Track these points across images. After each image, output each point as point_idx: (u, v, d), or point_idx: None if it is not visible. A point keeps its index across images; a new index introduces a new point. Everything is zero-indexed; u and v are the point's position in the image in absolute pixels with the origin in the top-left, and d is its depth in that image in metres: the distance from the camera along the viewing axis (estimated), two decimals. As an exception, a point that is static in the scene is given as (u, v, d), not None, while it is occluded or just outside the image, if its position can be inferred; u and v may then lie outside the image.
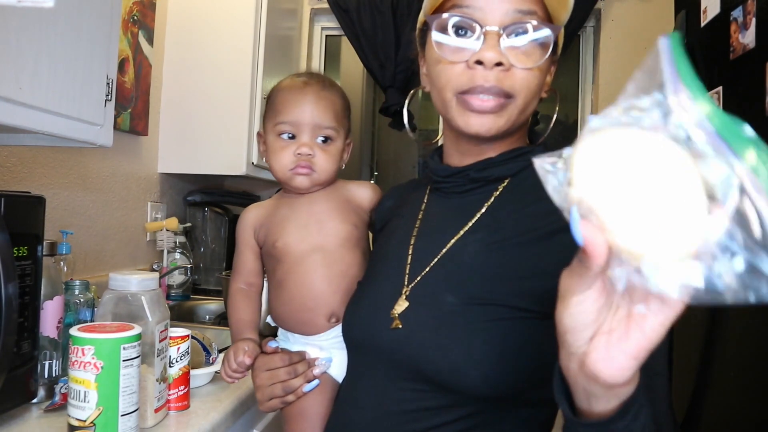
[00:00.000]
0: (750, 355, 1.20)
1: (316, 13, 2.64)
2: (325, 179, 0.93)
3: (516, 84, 0.68)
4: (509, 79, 0.68)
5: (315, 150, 0.90)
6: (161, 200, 2.02)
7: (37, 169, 1.40)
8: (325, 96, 0.91)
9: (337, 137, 0.92)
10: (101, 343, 0.73)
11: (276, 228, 0.94)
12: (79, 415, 0.73)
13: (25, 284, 0.83)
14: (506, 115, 0.70)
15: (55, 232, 1.28)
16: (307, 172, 0.90)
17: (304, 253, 0.91)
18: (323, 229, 0.91)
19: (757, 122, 1.14)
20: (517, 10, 0.68)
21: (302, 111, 0.89)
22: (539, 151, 0.71)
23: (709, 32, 1.36)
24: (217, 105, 1.95)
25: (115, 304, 0.83)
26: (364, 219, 0.96)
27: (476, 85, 0.68)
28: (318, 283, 0.89)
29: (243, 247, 0.98)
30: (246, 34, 1.95)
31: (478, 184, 0.75)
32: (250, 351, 0.86)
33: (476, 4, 0.68)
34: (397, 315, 0.72)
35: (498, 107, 0.69)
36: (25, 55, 0.86)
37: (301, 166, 0.89)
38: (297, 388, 0.84)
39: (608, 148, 0.37)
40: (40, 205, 0.88)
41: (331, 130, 0.91)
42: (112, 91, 1.09)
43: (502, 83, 0.68)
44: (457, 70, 0.69)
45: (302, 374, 0.85)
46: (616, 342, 0.42)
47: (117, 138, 1.26)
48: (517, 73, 0.68)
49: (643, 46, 2.38)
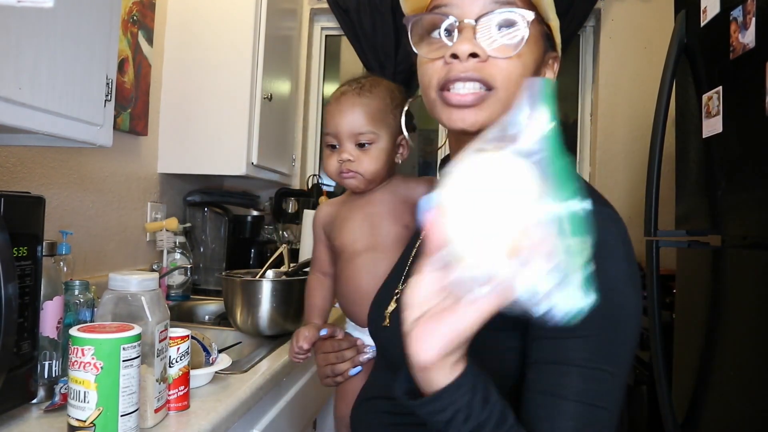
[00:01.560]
0: (750, 355, 1.20)
1: (315, 13, 2.64)
2: (373, 178, 0.99)
3: (496, 75, 0.67)
4: (487, 70, 0.67)
5: (356, 154, 0.97)
6: (161, 200, 2.02)
7: (37, 169, 1.40)
8: (359, 103, 0.96)
9: (376, 139, 0.97)
10: (101, 344, 0.73)
11: (338, 227, 1.04)
12: (79, 415, 0.73)
13: (25, 284, 0.83)
14: (487, 108, 0.68)
15: (55, 233, 1.28)
16: (352, 175, 0.98)
17: (356, 253, 1.00)
18: (375, 230, 0.99)
19: (757, 122, 1.14)
20: (494, 1, 0.67)
21: (338, 122, 0.97)
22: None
23: (709, 32, 1.36)
24: (217, 105, 1.95)
25: (115, 304, 0.83)
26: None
27: (452, 77, 0.67)
28: (365, 282, 0.96)
29: (316, 241, 1.10)
30: (246, 34, 1.95)
31: None
32: (310, 337, 0.99)
33: (454, 1, 0.68)
34: (388, 314, 0.76)
35: (477, 100, 0.67)
36: (25, 55, 0.86)
37: (345, 172, 0.98)
38: (344, 371, 0.96)
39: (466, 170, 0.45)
40: (39, 205, 0.88)
41: (368, 135, 0.96)
42: (112, 91, 1.09)
43: (481, 72, 0.66)
44: (437, 66, 0.69)
45: (349, 359, 0.96)
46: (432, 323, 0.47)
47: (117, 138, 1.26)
48: (497, 63, 0.67)
49: (643, 45, 2.38)
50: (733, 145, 1.26)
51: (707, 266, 1.43)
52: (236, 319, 1.50)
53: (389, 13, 2.43)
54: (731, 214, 1.28)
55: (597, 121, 2.47)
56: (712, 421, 1.35)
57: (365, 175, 0.97)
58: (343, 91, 0.98)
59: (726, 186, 1.29)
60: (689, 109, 1.48)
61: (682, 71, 1.49)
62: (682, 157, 1.55)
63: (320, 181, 2.52)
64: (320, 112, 2.70)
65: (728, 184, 1.28)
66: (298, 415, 1.41)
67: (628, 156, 2.40)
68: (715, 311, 1.36)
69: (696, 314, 1.47)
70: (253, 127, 1.97)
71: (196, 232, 2.17)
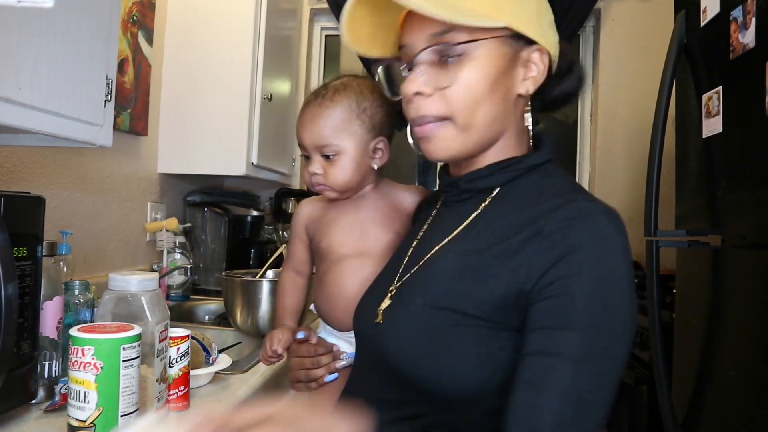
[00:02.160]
0: (750, 354, 1.20)
1: (315, 13, 2.64)
2: (345, 188, 0.96)
3: (443, 105, 0.69)
4: (434, 104, 0.69)
5: (324, 166, 0.94)
6: (161, 200, 2.02)
7: (37, 170, 1.40)
8: (318, 114, 0.92)
9: (340, 150, 0.93)
10: (101, 344, 0.73)
11: (324, 228, 1.00)
12: (79, 415, 0.73)
13: (25, 285, 0.83)
14: (446, 138, 0.71)
15: (55, 233, 1.28)
16: (323, 188, 0.95)
17: (344, 256, 0.96)
18: (365, 235, 0.96)
19: (757, 122, 1.14)
20: (435, 34, 0.68)
21: (301, 135, 0.95)
22: (531, 161, 0.74)
23: (709, 32, 1.36)
24: (217, 105, 1.95)
25: (115, 304, 0.83)
26: (408, 225, 0.99)
27: (410, 119, 0.72)
28: (351, 286, 0.94)
29: (295, 238, 1.06)
30: (246, 34, 1.95)
31: (469, 195, 0.77)
32: (284, 340, 0.96)
33: (406, 41, 0.72)
34: (381, 311, 0.76)
35: (432, 132, 0.71)
36: (25, 56, 0.86)
37: (316, 183, 0.95)
38: (319, 378, 0.93)
39: None
40: (39, 205, 0.88)
41: (331, 147, 0.92)
42: (112, 91, 1.09)
43: (428, 110, 0.70)
44: (404, 105, 0.73)
45: (325, 366, 0.93)
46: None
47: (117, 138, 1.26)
48: (444, 93, 0.69)
49: (643, 45, 2.38)
50: (733, 145, 1.26)
51: (707, 266, 1.43)
52: (236, 319, 1.50)
53: (389, 13, 2.42)
54: (731, 214, 1.28)
55: (597, 121, 2.47)
56: (712, 421, 1.35)
57: (335, 186, 0.94)
58: (306, 102, 0.96)
59: (726, 186, 1.29)
60: (689, 109, 1.48)
61: (682, 71, 1.49)
62: (682, 157, 1.55)
63: (320, 181, 2.51)
64: (320, 112, 2.70)
65: (728, 184, 1.28)
66: (298, 415, 1.40)
67: (628, 156, 2.40)
68: (715, 311, 1.36)
69: (696, 314, 1.46)
70: (253, 127, 1.97)
71: (196, 232, 2.17)
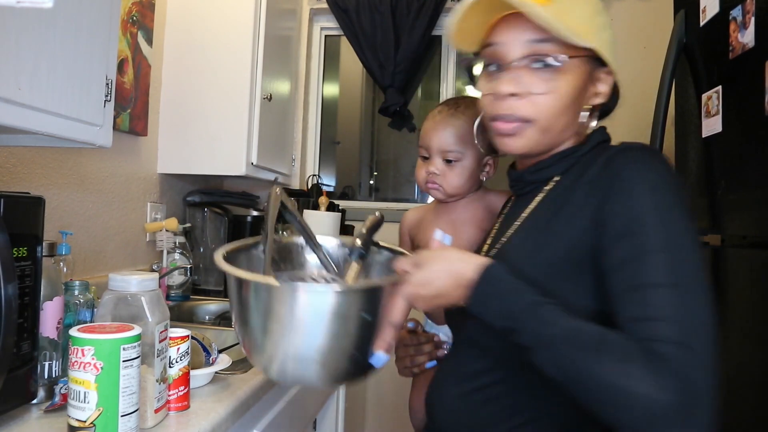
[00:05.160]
0: (750, 354, 1.20)
1: (315, 14, 2.64)
2: (456, 192, 1.07)
3: (532, 109, 0.77)
4: (525, 107, 0.77)
5: (442, 169, 1.05)
6: (161, 201, 2.02)
7: (37, 170, 1.40)
8: (451, 123, 1.05)
9: (462, 157, 1.05)
10: (101, 344, 0.73)
11: (422, 231, 1.12)
12: (79, 415, 0.73)
13: (25, 285, 0.83)
14: (527, 137, 0.79)
15: (55, 233, 1.28)
16: (435, 187, 1.07)
17: None
18: (458, 235, 1.05)
19: (757, 122, 1.14)
20: (533, 41, 0.76)
21: (430, 137, 1.06)
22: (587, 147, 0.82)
23: (709, 31, 1.36)
24: (217, 105, 1.95)
25: (115, 304, 0.83)
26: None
27: (496, 114, 0.80)
28: None
29: (401, 243, 1.18)
30: (245, 35, 1.95)
31: (534, 185, 0.85)
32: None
33: (499, 39, 0.79)
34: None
35: (516, 130, 0.79)
36: (25, 56, 0.86)
37: (430, 182, 1.07)
38: (421, 364, 1.05)
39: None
40: (39, 205, 0.88)
41: (454, 153, 1.04)
42: (112, 91, 1.09)
43: (518, 111, 0.78)
44: (487, 100, 0.81)
45: (427, 353, 1.05)
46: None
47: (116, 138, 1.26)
48: (534, 99, 0.77)
49: (643, 45, 2.38)
50: (733, 144, 1.26)
51: (707, 266, 1.43)
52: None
53: (389, 13, 2.43)
54: (731, 214, 1.28)
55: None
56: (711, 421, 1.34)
57: (447, 188, 1.06)
58: (440, 110, 1.08)
59: (726, 186, 1.29)
60: (689, 109, 1.48)
61: (681, 71, 1.50)
62: (681, 157, 1.55)
63: (320, 181, 2.52)
64: (320, 112, 2.70)
65: (728, 184, 1.28)
66: (298, 415, 1.41)
67: (627, 156, 2.40)
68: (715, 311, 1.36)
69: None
70: (253, 127, 1.97)
71: (196, 232, 2.17)
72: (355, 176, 2.85)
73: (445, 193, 1.07)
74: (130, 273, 0.85)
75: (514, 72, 0.77)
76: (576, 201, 0.74)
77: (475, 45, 0.85)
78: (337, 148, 2.84)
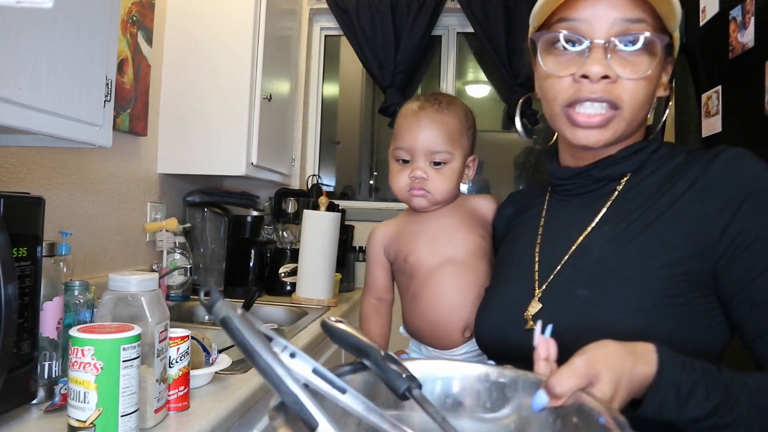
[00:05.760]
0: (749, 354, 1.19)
1: (315, 14, 2.64)
2: (443, 199, 0.95)
3: (623, 95, 0.69)
4: (616, 90, 0.69)
5: (429, 172, 0.93)
6: (161, 201, 2.02)
7: (37, 170, 1.40)
8: (438, 120, 0.92)
9: (451, 159, 0.93)
10: (101, 344, 0.73)
11: (406, 244, 0.98)
12: (78, 415, 0.73)
13: (25, 285, 0.83)
14: (612, 128, 0.71)
15: (55, 233, 1.28)
16: (422, 193, 0.94)
17: (436, 266, 0.94)
18: (452, 240, 0.95)
19: (757, 121, 1.14)
20: (625, 19, 0.68)
21: (415, 137, 0.92)
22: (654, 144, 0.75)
23: (708, 31, 1.36)
24: (217, 105, 1.95)
25: (115, 304, 0.83)
26: (489, 230, 0.98)
27: (582, 97, 0.69)
28: (451, 294, 0.92)
29: (373, 264, 1.03)
30: (245, 35, 1.95)
31: (601, 183, 0.76)
32: None
33: (582, 15, 0.69)
34: (531, 316, 0.73)
35: (604, 121, 0.70)
36: (25, 56, 0.86)
37: (416, 188, 0.94)
38: None
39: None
40: (39, 205, 0.88)
41: (444, 154, 0.93)
42: (112, 91, 1.09)
43: (610, 94, 0.69)
44: (565, 84, 0.71)
45: None
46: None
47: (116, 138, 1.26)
48: (624, 84, 0.69)
49: (643, 45, 2.38)
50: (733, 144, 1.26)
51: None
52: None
53: (388, 13, 2.43)
54: (731, 214, 1.28)
55: (596, 120, 2.47)
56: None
57: (435, 194, 0.94)
58: (421, 106, 0.94)
59: (725, 185, 1.29)
60: (689, 109, 1.48)
61: (681, 71, 1.49)
62: (681, 156, 1.55)
63: (320, 181, 2.52)
64: (320, 112, 2.70)
65: (728, 184, 1.28)
66: (298, 415, 1.40)
67: (627, 156, 2.40)
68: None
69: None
70: (253, 127, 1.97)
71: (196, 232, 2.17)
72: (355, 176, 2.85)
73: (432, 200, 0.95)
74: (130, 273, 0.85)
75: (605, 52, 0.68)
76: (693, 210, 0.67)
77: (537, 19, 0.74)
78: (337, 148, 2.84)
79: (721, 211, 0.65)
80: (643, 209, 0.71)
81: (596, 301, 0.68)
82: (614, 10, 0.68)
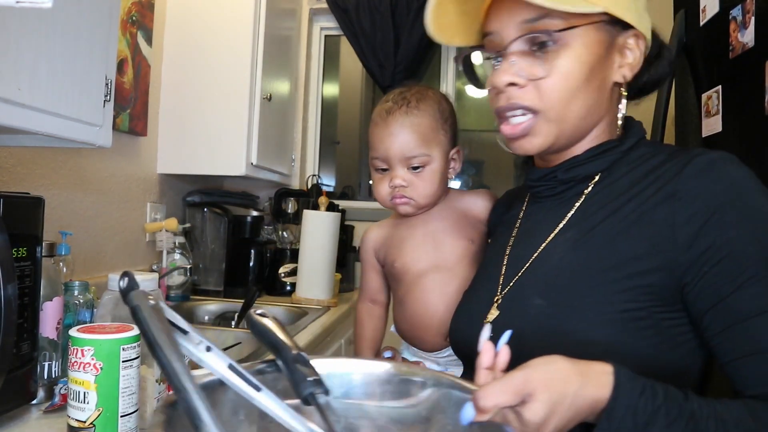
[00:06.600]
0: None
1: (315, 13, 2.63)
2: (427, 202, 0.93)
3: (539, 96, 0.67)
4: (528, 95, 0.67)
5: (408, 179, 0.90)
6: (160, 201, 2.02)
7: (36, 170, 1.40)
8: (408, 123, 0.88)
9: (430, 161, 0.90)
10: (101, 344, 0.73)
11: (394, 249, 0.96)
12: (78, 416, 0.73)
13: (25, 285, 0.83)
14: (540, 133, 0.68)
15: (55, 233, 1.28)
16: (405, 201, 0.91)
17: (421, 273, 0.93)
18: (439, 247, 0.93)
19: (757, 121, 1.14)
20: (525, 21, 0.66)
21: (387, 146, 0.89)
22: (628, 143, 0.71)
23: (708, 31, 1.36)
24: (217, 105, 1.95)
25: (115, 304, 0.83)
26: (481, 230, 0.96)
27: (499, 109, 0.69)
28: (435, 303, 0.91)
29: (366, 266, 1.03)
30: (245, 35, 1.95)
31: (568, 185, 0.73)
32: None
33: (493, 28, 0.69)
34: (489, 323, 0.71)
35: (526, 129, 0.68)
36: (24, 56, 0.86)
37: (397, 197, 0.91)
38: None
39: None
40: (39, 205, 0.88)
41: (420, 158, 0.89)
42: (111, 91, 1.09)
43: (521, 100, 0.67)
44: (491, 96, 0.71)
45: None
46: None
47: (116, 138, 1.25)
48: (540, 84, 0.66)
49: (642, 45, 2.38)
50: (733, 144, 1.26)
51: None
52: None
53: (388, 13, 2.43)
54: (731, 214, 1.28)
55: (596, 120, 2.47)
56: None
57: (419, 199, 0.91)
58: (388, 110, 0.90)
59: (725, 185, 1.29)
60: (689, 109, 1.48)
61: (681, 70, 1.49)
62: (681, 156, 1.55)
63: (320, 181, 2.51)
64: (320, 112, 2.70)
65: (728, 184, 1.28)
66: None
67: (627, 155, 2.40)
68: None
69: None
70: (253, 127, 1.97)
71: (196, 232, 2.17)
72: (354, 176, 2.85)
73: (417, 206, 0.92)
74: (129, 273, 0.84)
75: (510, 59, 0.67)
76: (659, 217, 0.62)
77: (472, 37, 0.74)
78: (337, 148, 2.83)
79: (688, 221, 0.60)
80: (607, 214, 0.67)
81: (553, 311, 0.65)
82: (516, 14, 0.66)
